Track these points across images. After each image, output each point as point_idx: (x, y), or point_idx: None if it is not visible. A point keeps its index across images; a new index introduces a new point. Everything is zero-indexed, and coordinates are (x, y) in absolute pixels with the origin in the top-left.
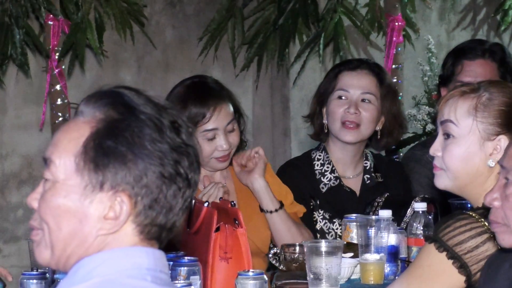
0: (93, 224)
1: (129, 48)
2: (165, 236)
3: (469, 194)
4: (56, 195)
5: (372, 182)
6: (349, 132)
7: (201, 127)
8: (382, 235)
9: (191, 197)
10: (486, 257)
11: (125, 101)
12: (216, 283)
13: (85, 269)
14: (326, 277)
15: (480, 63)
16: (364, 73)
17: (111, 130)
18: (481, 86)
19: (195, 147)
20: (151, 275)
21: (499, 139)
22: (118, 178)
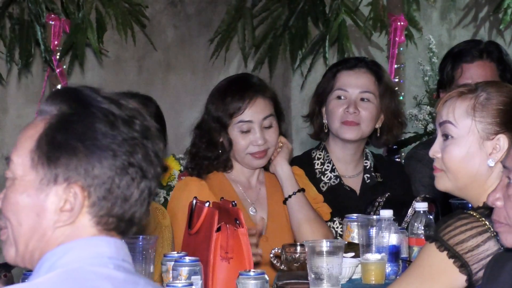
0: (50, 217)
1: (130, 48)
2: (125, 227)
3: (469, 194)
4: (14, 192)
5: (372, 182)
6: (349, 129)
7: (236, 118)
8: (383, 235)
9: (149, 188)
10: (487, 256)
11: (78, 97)
12: (217, 283)
13: (49, 263)
14: (327, 277)
15: (479, 64)
16: (362, 71)
17: (62, 124)
18: (479, 86)
19: (153, 141)
20: (113, 263)
21: (498, 138)
22: (70, 171)
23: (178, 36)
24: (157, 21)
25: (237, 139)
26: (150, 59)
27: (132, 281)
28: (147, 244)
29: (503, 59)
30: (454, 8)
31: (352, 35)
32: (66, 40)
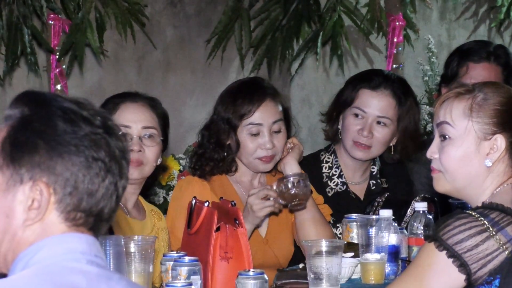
0: (19, 216)
1: (130, 48)
2: (94, 223)
3: (468, 195)
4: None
5: (377, 188)
6: (360, 151)
7: (246, 121)
8: (382, 234)
9: (115, 184)
10: (486, 256)
11: (38, 98)
12: (217, 282)
13: (22, 263)
14: (327, 277)
15: (485, 66)
16: (384, 94)
17: (23, 125)
18: (476, 87)
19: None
20: (85, 258)
21: (495, 138)
22: (34, 168)
23: (177, 36)
24: (156, 20)
25: (245, 142)
26: (150, 59)
27: (106, 275)
28: (146, 243)
29: (510, 65)
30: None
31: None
32: (66, 40)
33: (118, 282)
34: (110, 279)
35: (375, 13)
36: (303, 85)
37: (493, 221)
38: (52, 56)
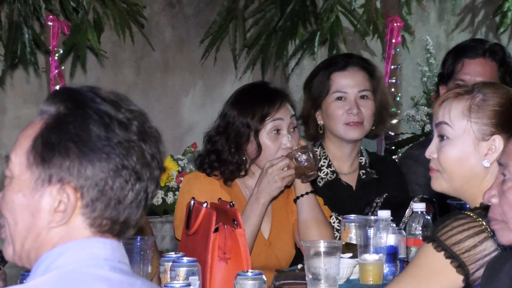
0: (44, 217)
1: (129, 49)
2: (120, 230)
3: (465, 195)
4: (11, 191)
5: (367, 178)
6: (354, 130)
7: (268, 120)
8: (381, 235)
9: (145, 191)
10: (484, 256)
11: (76, 98)
12: (215, 283)
13: (44, 264)
14: (325, 278)
15: (481, 62)
16: (355, 70)
17: (57, 124)
18: (475, 87)
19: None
20: (108, 264)
21: (494, 139)
22: (63, 171)
23: (176, 37)
24: (155, 21)
25: (267, 144)
26: (148, 60)
27: (128, 282)
28: (145, 245)
29: (506, 62)
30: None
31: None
32: (66, 41)
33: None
34: (133, 286)
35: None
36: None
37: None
38: (51, 57)
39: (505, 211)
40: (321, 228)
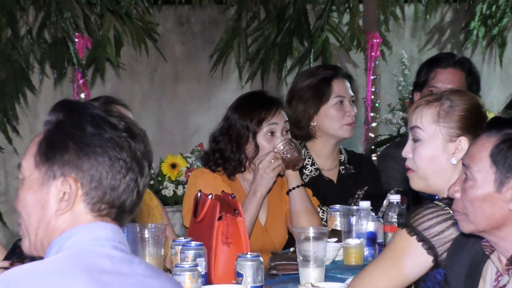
0: (52, 207)
1: (144, 61)
2: (117, 214)
3: (436, 188)
4: (23, 190)
5: (347, 172)
6: (349, 129)
7: (265, 123)
8: (362, 223)
9: (135, 180)
10: (451, 240)
11: (72, 106)
12: (219, 264)
13: (56, 247)
14: (314, 259)
15: (451, 71)
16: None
17: (57, 128)
18: (443, 95)
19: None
20: (110, 244)
21: (460, 140)
22: (64, 165)
23: (185, 51)
24: (167, 38)
25: (263, 145)
26: (161, 71)
27: (128, 259)
28: (158, 230)
29: (473, 72)
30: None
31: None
32: (89, 55)
33: (139, 264)
34: (132, 262)
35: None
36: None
37: None
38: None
39: (466, 206)
40: (310, 216)
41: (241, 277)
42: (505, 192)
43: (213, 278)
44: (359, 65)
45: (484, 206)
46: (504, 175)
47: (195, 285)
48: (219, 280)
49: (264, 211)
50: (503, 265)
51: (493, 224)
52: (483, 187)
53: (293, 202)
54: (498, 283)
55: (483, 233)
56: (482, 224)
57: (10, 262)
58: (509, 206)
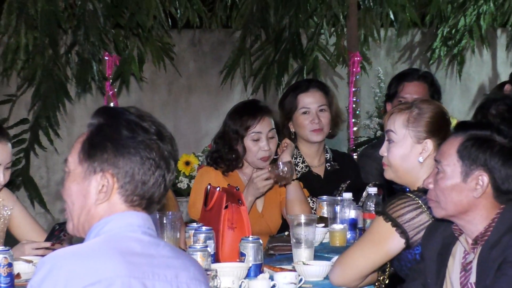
0: (92, 197)
1: (162, 76)
2: (147, 204)
3: (407, 181)
4: (69, 181)
5: (332, 168)
6: (316, 135)
7: (250, 131)
8: (345, 211)
9: (163, 176)
10: (420, 225)
11: (110, 112)
12: (225, 246)
13: (95, 231)
14: (305, 241)
15: (416, 84)
16: (315, 91)
17: (98, 130)
18: (414, 104)
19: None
20: (140, 230)
21: (426, 142)
22: (103, 163)
23: (197, 68)
24: (181, 56)
25: (250, 146)
26: (177, 84)
27: (155, 242)
28: (175, 217)
29: (434, 84)
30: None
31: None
32: (116, 70)
33: (164, 247)
34: (158, 245)
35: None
36: None
37: (425, 200)
38: (106, 82)
39: (438, 195)
40: (302, 205)
41: (244, 256)
42: (470, 182)
43: (220, 257)
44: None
45: (453, 194)
46: (469, 168)
47: (205, 263)
48: (225, 259)
49: (261, 200)
50: (469, 245)
51: (460, 209)
52: (452, 178)
53: (288, 193)
54: (465, 260)
55: (453, 218)
56: (452, 210)
57: (51, 243)
58: (473, 194)
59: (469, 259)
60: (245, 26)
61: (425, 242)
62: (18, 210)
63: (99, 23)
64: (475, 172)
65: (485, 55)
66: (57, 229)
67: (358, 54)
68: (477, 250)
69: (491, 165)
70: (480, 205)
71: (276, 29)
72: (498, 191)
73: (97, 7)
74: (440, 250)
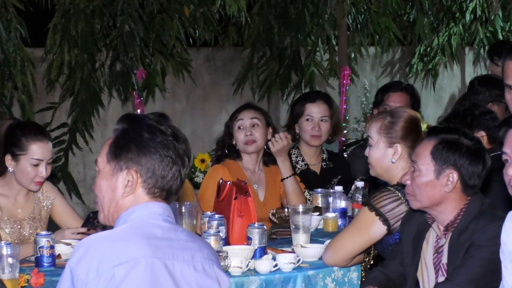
0: (120, 191)
1: (181, 87)
2: (166, 195)
3: (386, 178)
4: (99, 179)
5: (327, 167)
6: (315, 140)
7: (236, 119)
8: (336, 201)
9: (179, 171)
10: (399, 214)
11: (132, 118)
12: (235, 231)
13: (122, 220)
14: (302, 227)
15: (399, 94)
16: (320, 103)
17: (123, 134)
18: (388, 113)
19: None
20: (161, 218)
21: (396, 146)
22: (128, 161)
23: (211, 80)
24: (198, 70)
25: (236, 135)
26: (194, 94)
27: (173, 228)
28: (192, 207)
29: (415, 95)
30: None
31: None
32: (143, 82)
33: (182, 232)
34: (176, 231)
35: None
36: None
37: (403, 193)
38: (134, 92)
39: (414, 189)
40: (298, 197)
41: (251, 240)
42: (442, 179)
43: (230, 241)
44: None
45: (427, 189)
46: (441, 167)
47: (217, 246)
48: (235, 242)
49: (263, 191)
50: (441, 231)
51: (434, 202)
52: (426, 176)
53: (286, 187)
54: (437, 244)
55: (427, 209)
56: (426, 202)
57: (87, 228)
58: (445, 189)
59: (441, 243)
60: (253, 45)
61: (402, 228)
62: (59, 200)
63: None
64: (446, 170)
65: (455, 70)
66: (91, 217)
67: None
68: (448, 235)
69: (459, 164)
70: (450, 198)
71: (279, 48)
72: (465, 186)
73: (133, 28)
74: (415, 235)
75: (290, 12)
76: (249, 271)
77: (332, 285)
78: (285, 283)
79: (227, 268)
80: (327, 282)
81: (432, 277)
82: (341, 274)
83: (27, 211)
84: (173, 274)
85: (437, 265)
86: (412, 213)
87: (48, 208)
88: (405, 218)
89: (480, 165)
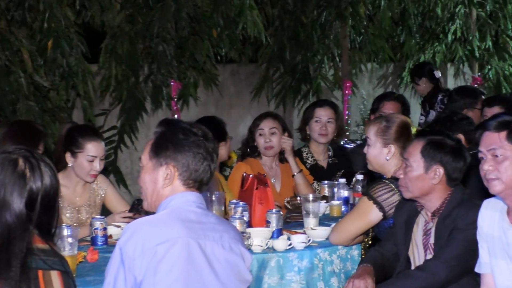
0: (160, 182)
1: (211, 96)
2: (199, 186)
3: (381, 172)
4: (143, 173)
5: (332, 162)
6: (322, 138)
7: (258, 127)
8: (340, 191)
9: (209, 165)
10: (393, 203)
11: (170, 123)
12: (256, 216)
13: (163, 207)
14: (312, 212)
15: (392, 103)
16: (327, 108)
17: (162, 136)
18: (383, 117)
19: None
20: (195, 205)
21: (390, 147)
22: (167, 158)
23: (235, 90)
24: (224, 82)
25: (258, 140)
26: (221, 102)
27: (205, 213)
28: (220, 195)
29: (405, 103)
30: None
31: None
32: (179, 93)
33: (212, 216)
34: (207, 215)
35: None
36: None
37: (397, 185)
38: (172, 101)
39: (406, 182)
40: (307, 188)
41: (269, 223)
42: (430, 173)
43: (252, 224)
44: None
45: (417, 182)
46: (429, 163)
47: (242, 228)
48: (256, 225)
49: (279, 183)
50: (429, 217)
51: (422, 193)
52: (416, 170)
53: (297, 181)
54: (426, 227)
55: (417, 198)
56: (416, 193)
57: (133, 213)
58: (432, 182)
59: (429, 227)
60: (269, 61)
61: (395, 214)
62: (111, 190)
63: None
64: (433, 166)
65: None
66: (136, 203)
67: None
68: (435, 220)
69: (445, 161)
70: (437, 189)
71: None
72: (449, 179)
73: (165, 48)
74: (407, 220)
75: (301, 34)
76: (268, 249)
77: (338, 261)
78: (298, 258)
79: (249, 247)
80: (333, 258)
81: (421, 255)
82: (344, 252)
83: (84, 199)
84: (205, 252)
85: (425, 245)
86: (404, 201)
87: (101, 196)
88: (398, 206)
89: (461, 161)
